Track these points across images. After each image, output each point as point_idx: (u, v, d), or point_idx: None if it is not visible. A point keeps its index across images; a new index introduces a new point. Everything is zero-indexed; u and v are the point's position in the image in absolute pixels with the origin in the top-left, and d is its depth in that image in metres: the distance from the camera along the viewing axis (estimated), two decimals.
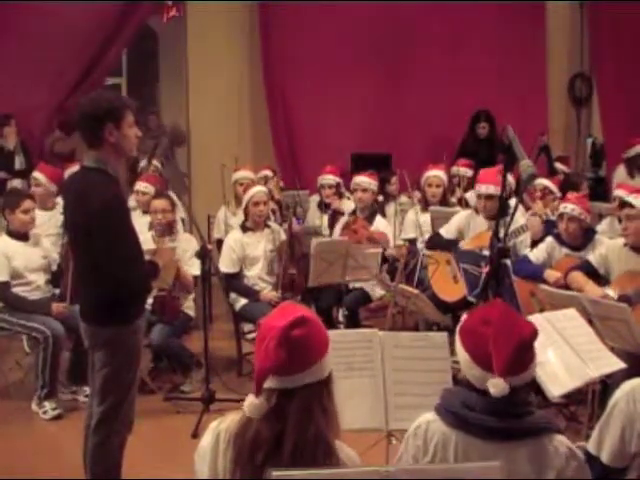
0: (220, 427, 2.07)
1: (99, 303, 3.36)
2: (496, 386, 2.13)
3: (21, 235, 5.16)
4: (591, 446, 2.57)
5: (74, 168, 6.07)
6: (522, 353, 2.15)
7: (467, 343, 2.23)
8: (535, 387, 3.15)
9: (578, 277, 4.74)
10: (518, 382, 2.16)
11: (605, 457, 2.52)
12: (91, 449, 3.48)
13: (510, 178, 5.87)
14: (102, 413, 3.42)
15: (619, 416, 2.49)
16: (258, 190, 5.71)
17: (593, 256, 4.84)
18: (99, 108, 3.26)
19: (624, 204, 4.77)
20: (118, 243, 3.24)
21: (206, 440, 2.08)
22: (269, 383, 1.97)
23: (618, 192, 5.89)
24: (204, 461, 2.06)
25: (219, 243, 6.37)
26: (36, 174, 6.30)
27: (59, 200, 6.39)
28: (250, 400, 1.99)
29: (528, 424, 2.15)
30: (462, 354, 2.24)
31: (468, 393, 2.20)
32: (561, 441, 2.17)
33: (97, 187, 3.27)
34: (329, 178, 6.97)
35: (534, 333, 2.20)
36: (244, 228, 5.69)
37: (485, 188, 5.50)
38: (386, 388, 3.16)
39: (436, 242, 5.79)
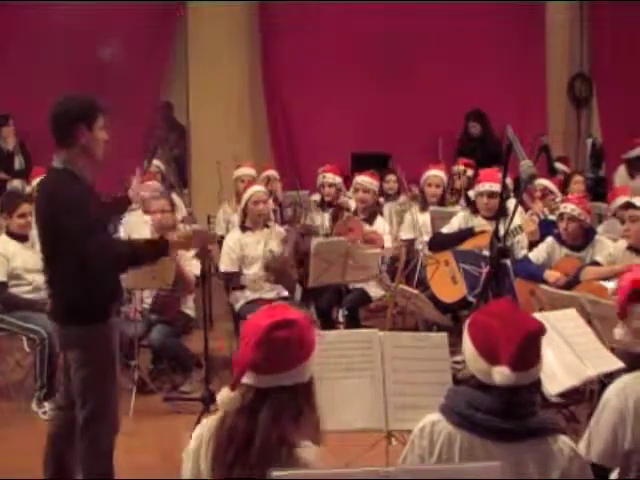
0: (202, 429, 2.10)
1: (68, 303, 3.35)
2: (501, 374, 2.13)
3: (20, 236, 5.17)
4: (581, 447, 2.55)
5: None
6: (530, 346, 2.15)
7: (474, 336, 2.22)
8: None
9: (594, 269, 4.76)
10: (523, 380, 2.16)
11: (595, 455, 2.50)
12: (81, 455, 3.44)
13: (508, 181, 5.89)
14: (86, 416, 3.37)
15: (611, 413, 2.49)
16: (257, 189, 5.71)
17: (601, 255, 4.87)
18: (73, 108, 3.28)
19: (628, 205, 4.79)
20: (83, 242, 3.19)
21: (191, 444, 2.11)
22: (247, 379, 1.99)
23: (619, 200, 5.94)
24: (187, 463, 2.10)
25: (221, 240, 6.35)
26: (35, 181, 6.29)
27: None
28: (224, 393, 2.02)
29: (534, 424, 2.15)
30: (469, 348, 2.23)
31: (473, 393, 2.20)
32: (565, 442, 2.18)
33: (62, 187, 3.28)
34: (329, 176, 6.95)
35: (542, 329, 2.20)
36: (243, 228, 5.69)
37: (489, 186, 5.50)
38: (386, 388, 3.16)
39: (439, 240, 5.75)
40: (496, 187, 5.42)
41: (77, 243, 3.18)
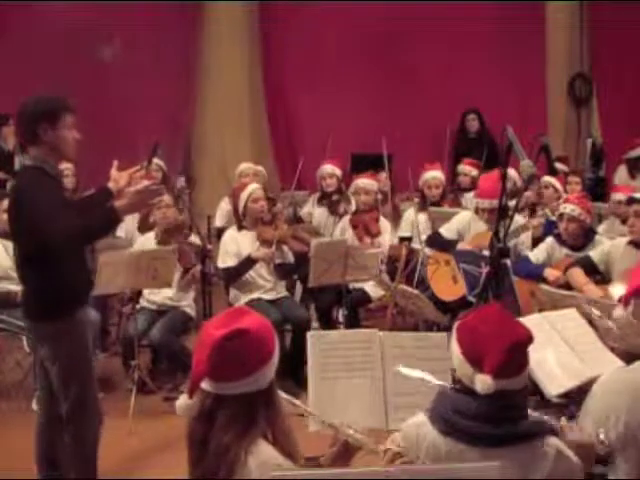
0: None
1: (36, 298, 3.41)
2: (483, 382, 2.14)
3: (7, 233, 5.15)
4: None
5: None
6: (515, 355, 2.15)
7: (462, 340, 2.24)
8: (533, 388, 3.16)
9: (578, 275, 4.72)
10: (510, 386, 2.16)
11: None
12: (67, 447, 3.48)
13: (514, 174, 5.88)
14: (67, 410, 3.43)
15: (591, 412, 2.49)
16: (255, 187, 5.67)
17: (595, 252, 4.83)
18: (36, 107, 3.35)
19: (632, 201, 4.76)
20: (44, 228, 3.20)
21: None
22: (206, 385, 2.03)
23: (618, 196, 5.94)
24: None
25: (220, 233, 6.33)
26: None
27: None
28: (181, 400, 2.07)
29: (520, 430, 2.16)
30: (456, 352, 2.25)
31: (460, 397, 2.21)
32: (551, 444, 2.17)
33: (29, 183, 3.34)
34: (329, 167, 6.92)
35: (529, 338, 2.21)
36: (240, 226, 5.67)
37: (489, 203, 5.47)
38: (386, 388, 3.16)
39: (436, 241, 5.80)
40: (495, 203, 5.40)
41: (39, 231, 3.20)
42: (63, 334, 3.37)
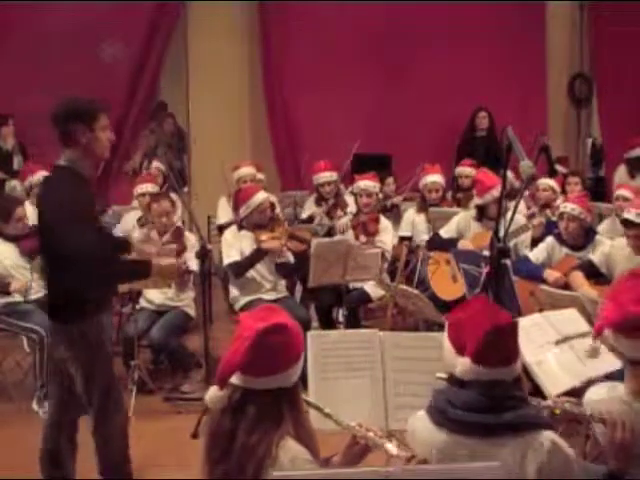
0: None
1: (59, 299, 3.41)
2: (462, 365, 2.19)
3: (15, 237, 5.15)
4: None
5: None
6: (495, 340, 2.17)
7: (449, 331, 2.30)
8: (533, 389, 3.16)
9: (577, 278, 4.73)
10: (497, 376, 2.18)
11: None
12: (98, 451, 3.49)
13: (512, 176, 5.87)
14: (97, 412, 3.43)
15: None
16: (264, 197, 5.63)
17: (595, 255, 4.82)
18: (73, 109, 3.36)
19: (628, 223, 4.55)
20: (67, 235, 3.21)
21: None
22: (235, 379, 2.04)
23: (621, 192, 5.92)
24: None
25: (221, 229, 6.32)
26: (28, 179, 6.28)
27: None
28: (212, 392, 2.09)
29: (512, 419, 2.17)
30: (446, 343, 2.30)
31: (453, 390, 2.25)
32: (547, 437, 2.18)
33: (61, 185, 3.35)
34: (327, 175, 6.90)
35: (511, 324, 2.23)
36: (240, 227, 5.65)
37: (491, 196, 5.47)
38: (386, 388, 3.17)
39: (436, 243, 5.81)
40: (497, 192, 5.40)
41: (60, 236, 3.21)
42: (88, 337, 3.36)
